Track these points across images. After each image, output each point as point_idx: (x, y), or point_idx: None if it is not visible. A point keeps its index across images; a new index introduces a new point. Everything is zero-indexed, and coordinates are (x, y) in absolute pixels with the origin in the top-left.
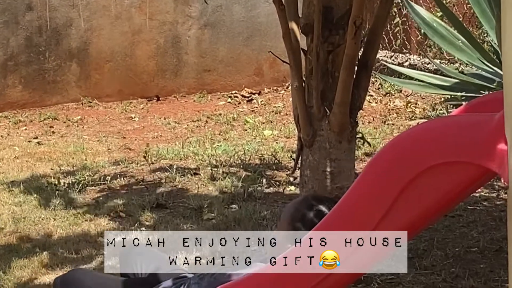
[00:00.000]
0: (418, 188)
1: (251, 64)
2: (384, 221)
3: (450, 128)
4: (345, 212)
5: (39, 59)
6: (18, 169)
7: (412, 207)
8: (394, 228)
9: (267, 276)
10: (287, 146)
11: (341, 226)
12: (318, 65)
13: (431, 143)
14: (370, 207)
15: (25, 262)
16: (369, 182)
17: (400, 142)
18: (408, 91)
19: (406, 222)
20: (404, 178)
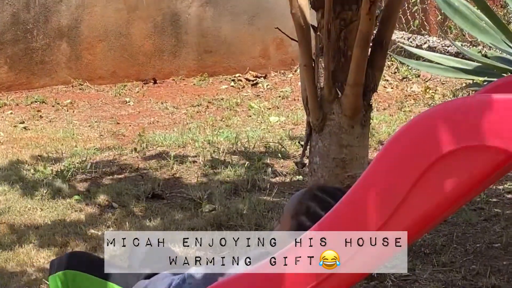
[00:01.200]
0: (435, 176)
1: (256, 45)
2: (398, 212)
3: (472, 109)
4: (355, 203)
5: (26, 38)
6: (3, 155)
7: (429, 197)
8: (409, 220)
9: (264, 276)
10: (295, 133)
11: (350, 218)
12: (329, 43)
13: (450, 126)
14: (382, 198)
15: (10, 255)
16: (382, 170)
17: (416, 126)
18: (427, 75)
19: (422, 213)
20: (420, 165)
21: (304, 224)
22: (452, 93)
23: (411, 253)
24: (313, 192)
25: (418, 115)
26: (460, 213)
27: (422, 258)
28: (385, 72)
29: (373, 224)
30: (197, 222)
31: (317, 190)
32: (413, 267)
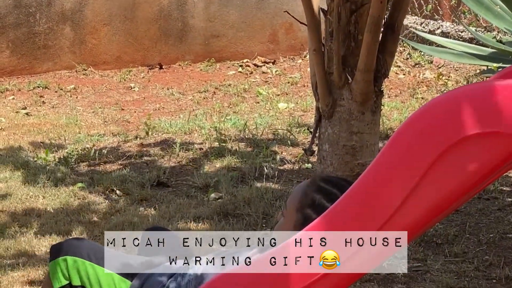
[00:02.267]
0: (448, 163)
1: (265, 30)
2: (409, 201)
3: (487, 94)
4: (364, 193)
5: (29, 22)
6: (4, 142)
7: (441, 185)
8: (420, 209)
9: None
10: (304, 120)
11: (357, 209)
12: (340, 26)
13: (465, 112)
14: (393, 186)
15: (11, 243)
16: (393, 158)
17: (429, 111)
18: (440, 61)
19: (433, 202)
20: (432, 152)
21: (310, 217)
22: (465, 80)
23: (423, 243)
24: (317, 184)
25: (429, 102)
26: (473, 202)
27: (434, 249)
28: (397, 58)
29: (384, 213)
30: (203, 211)
31: (322, 181)
32: (424, 258)
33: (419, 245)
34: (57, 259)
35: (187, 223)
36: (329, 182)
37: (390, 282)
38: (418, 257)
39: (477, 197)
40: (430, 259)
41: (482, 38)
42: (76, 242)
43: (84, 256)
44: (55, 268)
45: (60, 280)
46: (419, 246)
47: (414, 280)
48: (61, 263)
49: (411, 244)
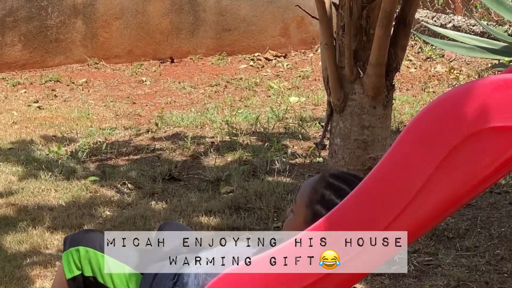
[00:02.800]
0: (461, 157)
1: (276, 24)
2: (421, 195)
3: (499, 88)
4: (375, 187)
5: (41, 15)
6: (16, 135)
7: (453, 179)
8: (432, 204)
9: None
10: (315, 114)
11: (367, 204)
12: (351, 21)
13: (477, 105)
14: (405, 180)
15: (23, 237)
16: (404, 152)
17: (441, 105)
18: (451, 55)
19: (445, 196)
20: (445, 145)
21: (320, 213)
22: (477, 74)
23: (434, 237)
24: (327, 179)
25: (442, 95)
26: (485, 196)
27: (445, 243)
28: (408, 52)
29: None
30: (215, 204)
31: (331, 177)
32: (436, 252)
33: (430, 239)
34: (69, 249)
35: (199, 217)
36: (339, 178)
37: (401, 276)
38: (429, 251)
39: (488, 191)
40: (442, 253)
41: (494, 32)
42: (89, 233)
43: (97, 247)
44: (67, 258)
45: (72, 270)
46: (430, 240)
47: (425, 274)
48: (74, 254)
49: (422, 238)
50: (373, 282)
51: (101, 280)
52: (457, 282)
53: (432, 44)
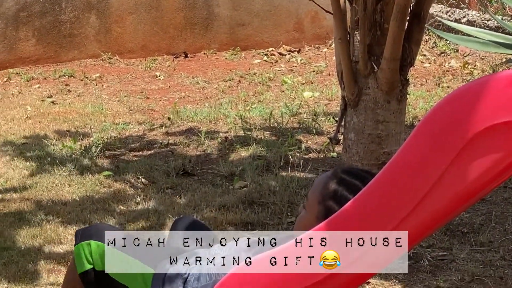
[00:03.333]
0: (474, 152)
1: (290, 18)
2: (435, 190)
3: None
4: (388, 183)
5: (55, 10)
6: (30, 130)
7: (467, 173)
8: (446, 198)
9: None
10: (329, 109)
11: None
12: (365, 15)
13: (491, 100)
14: (418, 176)
15: (37, 231)
16: (418, 147)
17: (454, 100)
18: (466, 50)
19: (459, 191)
20: (459, 140)
21: (332, 209)
22: (491, 69)
23: (448, 232)
24: (339, 175)
25: (456, 90)
26: (499, 191)
27: (460, 238)
28: (422, 47)
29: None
30: (228, 199)
31: (343, 173)
32: (450, 247)
33: (444, 234)
34: (81, 243)
35: (212, 212)
36: (351, 174)
37: (415, 271)
38: (443, 246)
39: (503, 186)
40: (456, 248)
41: (509, 27)
42: (101, 227)
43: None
44: (79, 252)
45: (84, 264)
46: (444, 235)
47: (439, 269)
48: (85, 248)
49: (436, 233)
50: (387, 277)
51: (112, 274)
52: (471, 277)
53: (446, 39)
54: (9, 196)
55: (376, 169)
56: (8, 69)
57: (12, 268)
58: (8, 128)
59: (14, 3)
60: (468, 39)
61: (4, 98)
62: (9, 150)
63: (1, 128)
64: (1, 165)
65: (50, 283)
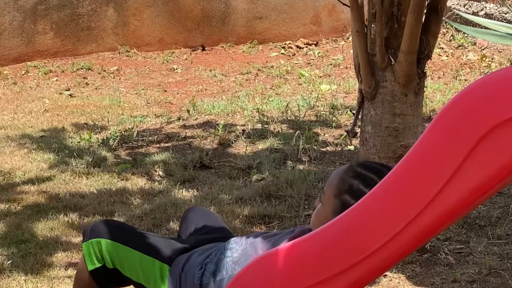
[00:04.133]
0: (491, 146)
1: (307, 12)
2: (451, 184)
3: None
4: (405, 177)
5: (73, 3)
6: (48, 123)
7: (484, 166)
8: (462, 192)
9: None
10: (346, 102)
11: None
12: (382, 8)
13: (510, 92)
14: (435, 169)
15: (54, 224)
16: (434, 141)
17: (471, 93)
18: (483, 43)
19: (475, 185)
20: (476, 133)
21: (348, 203)
22: (509, 61)
23: (465, 225)
24: (355, 169)
25: (474, 82)
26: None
27: (477, 231)
28: (440, 40)
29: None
30: (246, 192)
31: (359, 167)
32: (467, 240)
33: (462, 227)
34: (90, 240)
35: (230, 205)
36: (367, 168)
37: (432, 264)
38: (461, 239)
39: None
40: (473, 241)
41: None
42: (110, 224)
43: (119, 239)
44: (88, 250)
45: (94, 262)
46: (462, 228)
47: (457, 262)
48: (95, 245)
49: (453, 226)
50: (404, 270)
51: (124, 272)
52: (488, 270)
53: (464, 32)
54: (27, 189)
55: (393, 162)
56: (26, 62)
57: (30, 260)
58: (26, 121)
59: None
60: (486, 32)
61: (22, 91)
62: (27, 143)
63: (19, 121)
64: (19, 158)
65: (68, 276)
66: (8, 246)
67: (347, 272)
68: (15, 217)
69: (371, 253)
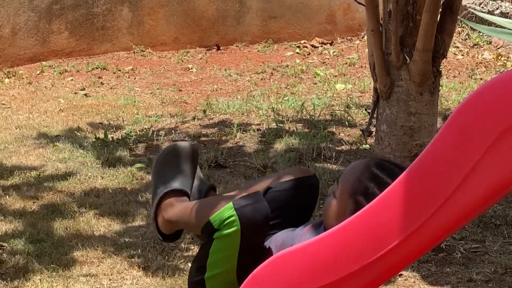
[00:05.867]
0: (507, 144)
1: (322, 11)
2: (467, 182)
3: None
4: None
5: (87, 3)
6: (63, 123)
7: (500, 166)
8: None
9: None
10: (362, 101)
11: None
12: (398, 7)
13: None
14: (451, 167)
15: (70, 223)
16: (451, 138)
17: (488, 91)
18: (499, 42)
19: (491, 183)
20: (492, 132)
21: (361, 204)
22: None
23: (481, 224)
24: (372, 170)
25: (490, 81)
26: None
27: (493, 230)
28: (455, 39)
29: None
30: None
31: (376, 168)
32: (483, 239)
33: (477, 226)
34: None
35: None
36: (384, 170)
37: (448, 263)
38: (476, 238)
39: None
40: (489, 240)
41: None
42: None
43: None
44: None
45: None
46: (477, 227)
47: (472, 261)
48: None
49: (469, 226)
50: (420, 269)
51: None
52: (504, 270)
53: (479, 31)
54: (42, 188)
55: (408, 161)
56: (41, 62)
57: (46, 259)
58: (41, 120)
59: None
60: (501, 31)
61: (37, 90)
62: (42, 143)
63: (35, 121)
64: (34, 157)
65: (83, 275)
66: (24, 245)
67: (364, 270)
68: (31, 217)
69: (388, 251)
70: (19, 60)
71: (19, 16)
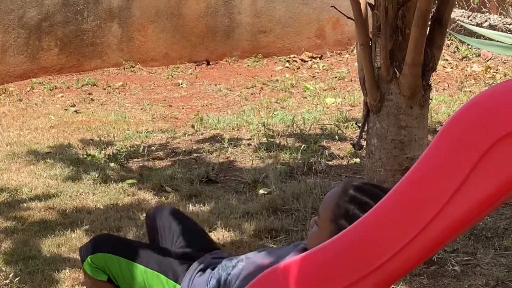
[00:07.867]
0: (497, 157)
1: (311, 25)
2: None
3: None
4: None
5: (77, 19)
6: (54, 139)
7: (490, 179)
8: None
9: None
10: (352, 114)
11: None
12: (387, 21)
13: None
14: (441, 180)
15: (62, 240)
16: (441, 152)
17: (478, 104)
18: (488, 54)
19: (482, 195)
20: (482, 145)
21: (344, 228)
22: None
23: (472, 237)
24: (350, 193)
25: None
26: None
27: (484, 242)
28: (444, 52)
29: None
30: (252, 206)
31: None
32: (474, 251)
33: (468, 239)
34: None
35: (236, 219)
36: (362, 191)
37: (440, 276)
38: (468, 251)
39: None
40: (480, 252)
41: None
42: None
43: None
44: (89, 267)
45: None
46: (468, 239)
47: (464, 273)
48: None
49: (460, 238)
50: (412, 282)
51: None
52: (496, 282)
53: (468, 44)
54: (34, 205)
55: (399, 174)
56: (31, 79)
57: (38, 277)
58: (32, 137)
59: (36, 13)
60: (490, 43)
61: (28, 107)
62: (33, 160)
63: (25, 138)
64: (25, 174)
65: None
66: (16, 262)
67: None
68: (22, 234)
69: (379, 266)
70: (9, 77)
71: (9, 33)
